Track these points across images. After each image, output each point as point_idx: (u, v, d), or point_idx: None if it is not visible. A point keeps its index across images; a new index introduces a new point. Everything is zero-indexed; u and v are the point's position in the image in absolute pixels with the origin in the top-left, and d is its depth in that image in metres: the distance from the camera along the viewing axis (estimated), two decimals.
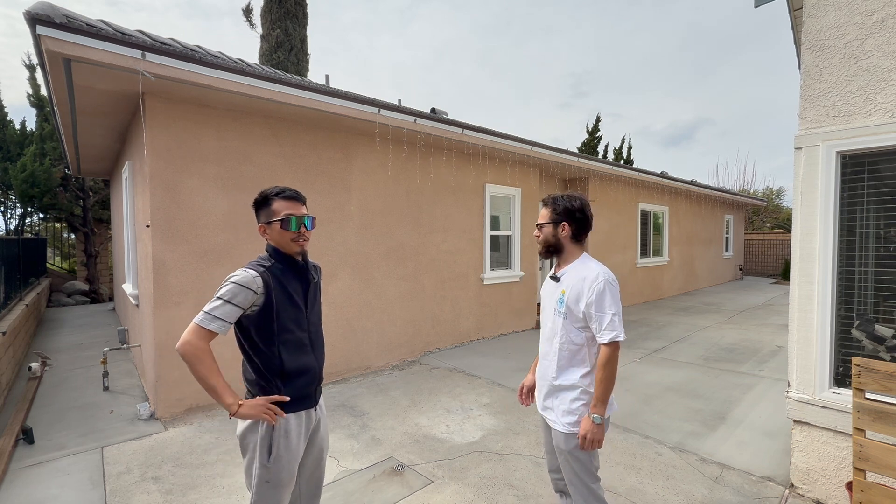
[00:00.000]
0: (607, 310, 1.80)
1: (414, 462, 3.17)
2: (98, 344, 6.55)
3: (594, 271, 1.87)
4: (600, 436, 1.81)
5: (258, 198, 1.77)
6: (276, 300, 1.68)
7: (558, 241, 1.96)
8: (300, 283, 1.80)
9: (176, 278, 3.97)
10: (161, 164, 3.89)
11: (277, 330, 1.69)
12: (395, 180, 5.62)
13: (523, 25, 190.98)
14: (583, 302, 1.84)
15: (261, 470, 1.66)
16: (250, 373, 1.72)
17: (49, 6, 2.97)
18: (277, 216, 1.72)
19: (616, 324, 1.80)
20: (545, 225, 1.98)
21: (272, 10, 12.33)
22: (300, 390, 1.74)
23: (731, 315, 8.94)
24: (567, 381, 1.91)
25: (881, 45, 2.41)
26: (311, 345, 1.81)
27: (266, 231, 1.75)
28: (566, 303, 1.89)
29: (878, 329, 2.49)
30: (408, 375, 5.16)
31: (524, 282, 7.56)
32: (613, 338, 1.79)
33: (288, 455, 1.69)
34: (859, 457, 1.99)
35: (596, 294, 1.81)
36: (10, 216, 12.15)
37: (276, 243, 1.75)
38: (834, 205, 2.56)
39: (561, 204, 1.95)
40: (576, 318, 1.88)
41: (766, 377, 4.98)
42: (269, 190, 1.76)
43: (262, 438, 1.66)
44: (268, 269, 1.69)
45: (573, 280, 1.90)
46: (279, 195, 1.74)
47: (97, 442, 3.49)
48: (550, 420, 1.97)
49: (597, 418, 1.80)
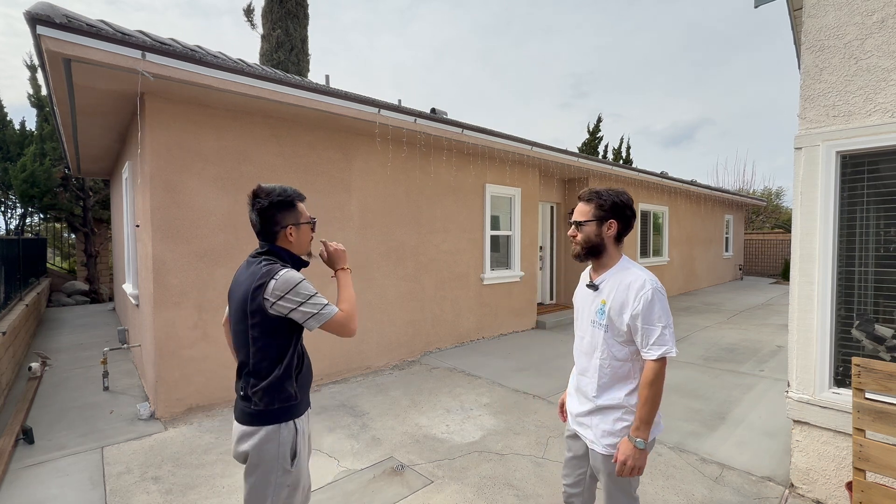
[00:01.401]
0: (656, 322, 1.60)
1: (414, 462, 3.17)
2: (98, 344, 6.55)
3: (640, 278, 1.65)
4: (642, 462, 1.61)
5: (283, 199, 1.66)
6: None
7: (602, 241, 1.73)
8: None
9: (176, 278, 3.97)
10: (161, 164, 3.89)
11: (298, 332, 1.68)
12: (395, 180, 5.62)
13: (524, 25, 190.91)
14: (627, 313, 1.63)
15: (283, 476, 1.60)
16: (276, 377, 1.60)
17: (49, 6, 2.97)
18: (305, 218, 1.72)
19: (667, 338, 1.60)
20: (587, 223, 1.72)
21: (273, 10, 12.33)
22: (306, 390, 1.74)
23: (731, 315, 8.94)
24: (609, 400, 1.71)
25: (881, 45, 2.41)
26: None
27: (292, 234, 1.69)
28: (608, 314, 1.68)
29: (878, 329, 2.49)
30: (408, 375, 5.16)
31: (524, 282, 7.56)
32: (664, 353, 1.59)
33: (306, 454, 1.71)
34: (859, 457, 1.99)
35: (643, 304, 1.60)
36: (11, 216, 12.16)
37: (298, 245, 1.72)
38: (834, 205, 2.56)
39: (608, 199, 1.71)
40: (618, 332, 1.67)
41: (766, 377, 4.98)
42: (291, 192, 1.69)
43: (284, 443, 1.60)
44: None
45: (615, 288, 1.69)
46: (300, 198, 1.72)
47: (97, 442, 3.49)
48: (588, 439, 1.78)
49: (640, 443, 1.61)
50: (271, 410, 1.60)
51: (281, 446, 1.60)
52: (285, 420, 1.62)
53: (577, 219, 1.76)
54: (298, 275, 1.61)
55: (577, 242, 1.77)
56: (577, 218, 1.77)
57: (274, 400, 1.61)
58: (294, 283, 1.57)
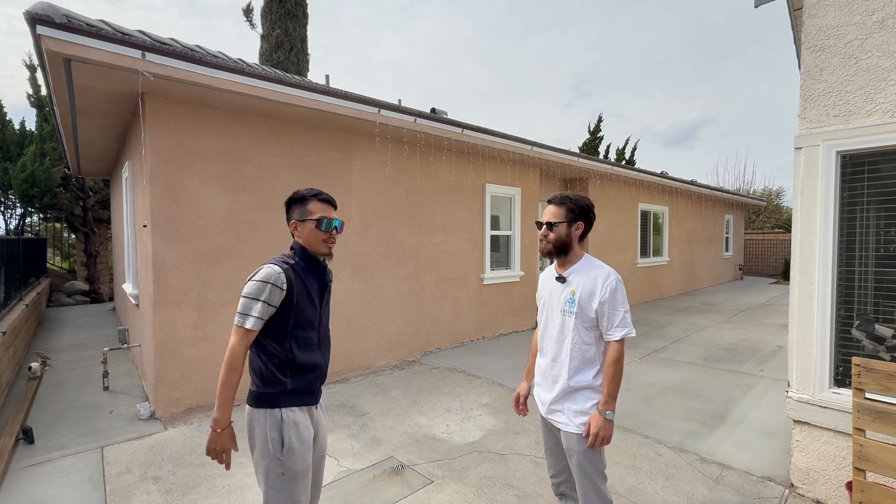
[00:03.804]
0: (619, 307, 1.86)
1: (414, 462, 3.17)
2: (98, 344, 6.55)
3: (605, 270, 1.91)
4: (611, 432, 1.84)
5: (295, 196, 1.82)
6: (296, 297, 1.70)
7: (570, 240, 1.96)
8: (318, 284, 1.83)
9: (176, 278, 3.97)
10: (161, 164, 3.89)
11: (292, 326, 1.70)
12: (395, 180, 5.62)
13: (526, 24, 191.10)
14: (596, 300, 1.86)
15: (273, 464, 1.65)
16: (258, 364, 1.71)
17: (49, 6, 2.97)
18: (313, 216, 1.78)
19: (627, 320, 1.86)
20: (559, 224, 1.94)
21: (272, 9, 12.33)
22: (307, 384, 1.76)
23: (731, 315, 8.94)
24: (581, 382, 1.91)
25: (881, 45, 2.41)
26: (319, 344, 1.83)
27: (297, 228, 1.80)
28: (577, 302, 1.89)
29: (878, 329, 2.49)
30: (408, 375, 5.16)
31: (524, 282, 7.55)
32: (625, 334, 1.85)
33: (301, 446, 1.69)
34: (859, 457, 1.99)
35: (609, 292, 1.85)
36: (10, 216, 12.15)
37: (306, 241, 1.79)
38: (834, 205, 2.56)
39: (577, 203, 1.95)
40: (586, 318, 1.89)
41: (766, 377, 4.98)
42: (307, 191, 1.82)
43: (271, 429, 1.65)
44: (291, 267, 1.72)
45: (583, 279, 1.91)
46: (316, 196, 1.81)
47: (97, 442, 3.49)
48: (561, 423, 1.95)
49: (610, 414, 1.83)
50: (258, 394, 1.70)
51: (270, 433, 1.65)
52: (268, 406, 1.68)
53: (551, 220, 1.97)
54: (266, 272, 1.65)
55: (550, 241, 1.97)
56: (550, 219, 1.97)
57: (260, 384, 1.70)
58: (252, 277, 1.66)
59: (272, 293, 1.64)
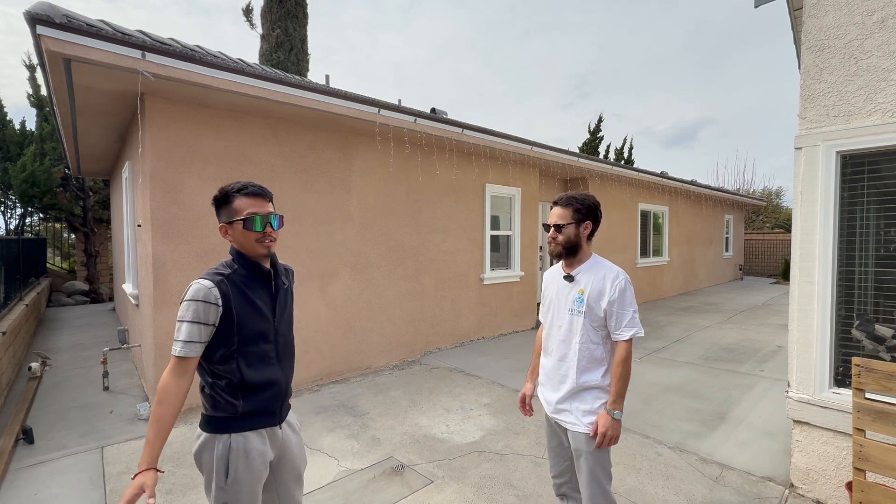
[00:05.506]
0: (628, 307, 1.85)
1: (414, 462, 3.17)
2: (98, 344, 6.55)
3: (614, 270, 1.91)
4: (618, 432, 1.84)
5: (218, 195, 1.59)
6: (236, 311, 1.51)
7: (579, 240, 1.94)
8: (266, 291, 1.62)
9: (176, 278, 3.97)
10: (161, 164, 3.89)
11: (238, 343, 1.53)
12: (395, 180, 5.62)
13: (526, 24, 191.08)
14: (605, 300, 1.86)
15: (217, 492, 1.50)
16: (206, 388, 1.54)
17: (49, 6, 2.97)
18: (239, 215, 1.55)
19: (636, 320, 1.86)
20: (567, 225, 1.92)
21: (272, 9, 12.33)
22: (262, 404, 1.58)
23: (731, 315, 8.94)
24: (589, 381, 1.90)
25: (881, 45, 2.41)
26: (278, 357, 1.65)
27: (228, 232, 1.59)
28: (586, 301, 1.88)
29: (878, 329, 2.49)
30: (408, 375, 5.16)
31: (524, 282, 7.55)
32: (634, 334, 1.84)
33: (248, 476, 1.52)
34: (859, 457, 1.99)
35: (619, 292, 1.85)
36: (10, 216, 12.16)
37: (240, 245, 1.58)
38: (834, 205, 2.56)
39: (583, 202, 1.94)
40: (595, 317, 1.88)
41: (766, 377, 4.98)
42: (231, 186, 1.59)
43: (218, 458, 1.50)
44: (226, 278, 1.53)
45: (592, 279, 1.91)
46: (241, 191, 1.57)
47: (97, 442, 3.49)
48: (568, 423, 1.92)
49: (617, 414, 1.82)
50: (207, 417, 1.55)
51: (217, 460, 1.50)
52: (215, 431, 1.53)
53: (558, 222, 1.94)
54: (195, 289, 1.47)
55: (559, 243, 1.95)
56: (557, 221, 1.94)
57: (209, 408, 1.55)
58: (183, 298, 1.49)
59: (206, 311, 1.45)
